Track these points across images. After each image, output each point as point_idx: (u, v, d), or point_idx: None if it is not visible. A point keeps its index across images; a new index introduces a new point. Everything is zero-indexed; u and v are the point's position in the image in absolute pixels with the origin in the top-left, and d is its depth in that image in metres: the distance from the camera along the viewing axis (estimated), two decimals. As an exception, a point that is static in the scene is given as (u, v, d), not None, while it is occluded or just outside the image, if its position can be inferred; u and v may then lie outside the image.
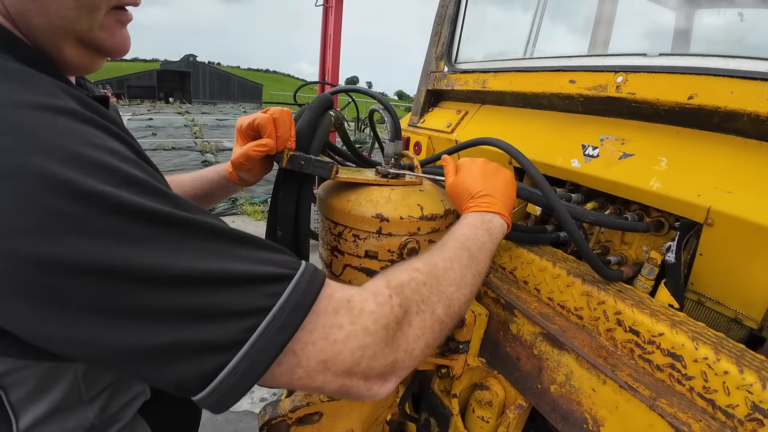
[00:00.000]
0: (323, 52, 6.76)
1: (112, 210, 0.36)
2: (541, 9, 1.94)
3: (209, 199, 0.94)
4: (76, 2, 0.47)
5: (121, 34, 0.55)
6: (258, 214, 5.89)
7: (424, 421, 1.19)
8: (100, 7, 0.49)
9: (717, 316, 0.95)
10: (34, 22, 0.47)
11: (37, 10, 0.46)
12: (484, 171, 0.78)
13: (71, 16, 0.48)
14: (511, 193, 0.79)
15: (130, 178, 0.39)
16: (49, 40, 0.49)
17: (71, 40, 0.50)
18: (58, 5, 0.46)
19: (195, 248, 0.39)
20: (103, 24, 0.51)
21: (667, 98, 0.95)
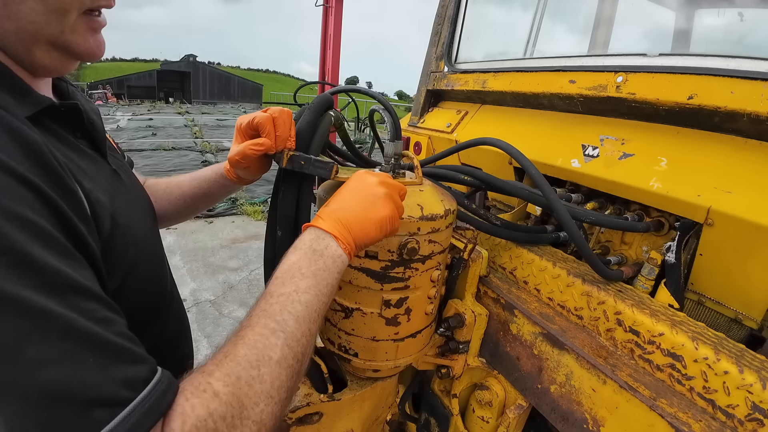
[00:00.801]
0: (323, 52, 6.76)
1: None
2: (541, 9, 1.94)
3: (209, 199, 0.94)
4: (46, 7, 0.47)
5: (95, 40, 0.55)
6: (258, 214, 5.89)
7: (424, 421, 1.19)
8: (71, 12, 0.50)
9: (717, 316, 0.95)
10: (5, 28, 0.47)
11: (7, 16, 0.46)
12: (357, 190, 0.65)
13: (41, 21, 0.48)
14: (369, 228, 0.62)
15: (4, 247, 0.36)
16: (20, 43, 0.49)
17: (42, 44, 0.50)
18: (28, 11, 0.47)
19: (36, 345, 0.35)
20: (75, 28, 0.51)
21: (667, 98, 0.95)
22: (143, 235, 0.65)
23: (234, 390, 0.43)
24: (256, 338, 0.47)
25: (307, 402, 0.84)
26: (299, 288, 0.54)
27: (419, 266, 0.80)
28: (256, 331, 0.48)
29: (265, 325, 0.49)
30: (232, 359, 0.45)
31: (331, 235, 0.59)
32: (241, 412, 0.43)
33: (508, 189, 0.94)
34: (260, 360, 0.46)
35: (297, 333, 0.50)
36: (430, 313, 0.87)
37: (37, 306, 0.36)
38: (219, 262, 4.37)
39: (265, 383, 0.45)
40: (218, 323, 3.27)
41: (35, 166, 0.42)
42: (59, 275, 0.38)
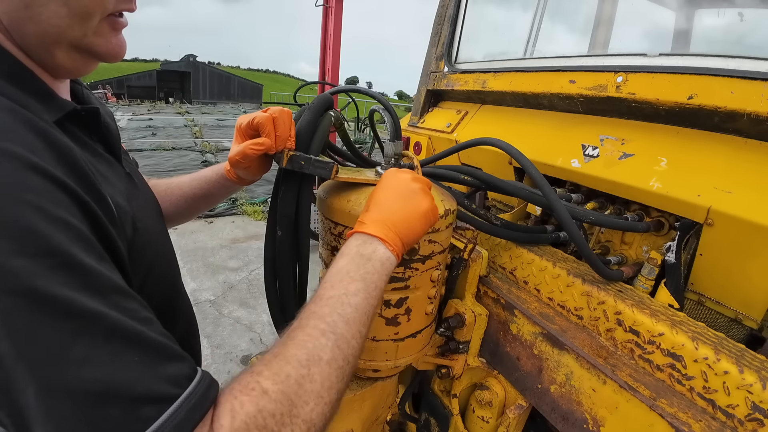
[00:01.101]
0: (323, 52, 6.76)
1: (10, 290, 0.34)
2: (541, 9, 1.94)
3: (209, 199, 0.94)
4: (69, 11, 0.47)
5: (117, 40, 0.54)
6: (258, 214, 5.89)
7: (424, 421, 1.19)
8: (94, 15, 0.49)
9: (717, 316, 0.95)
10: (27, 30, 0.47)
11: (29, 18, 0.46)
12: (394, 189, 0.66)
13: (64, 24, 0.47)
14: (414, 224, 0.63)
15: (50, 249, 0.36)
16: (42, 46, 0.49)
17: (64, 47, 0.50)
18: (51, 14, 0.46)
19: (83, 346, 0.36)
20: (98, 30, 0.51)
21: (667, 98, 0.95)
22: (157, 236, 0.65)
23: (283, 388, 0.43)
24: (306, 338, 0.48)
25: (307, 402, 0.85)
26: (348, 291, 0.54)
27: (419, 266, 0.80)
28: (306, 332, 0.49)
29: (315, 326, 0.49)
30: (282, 358, 0.45)
31: (378, 239, 0.60)
32: (291, 410, 0.43)
33: (508, 189, 0.94)
34: (310, 360, 0.46)
35: (347, 335, 0.51)
36: (430, 313, 0.87)
37: (83, 307, 0.36)
38: (219, 262, 4.37)
39: (315, 383, 0.45)
40: (218, 323, 3.27)
41: (69, 170, 0.43)
42: (102, 277, 0.39)
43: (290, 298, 0.84)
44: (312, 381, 0.45)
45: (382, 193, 0.65)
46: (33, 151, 0.40)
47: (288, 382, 0.44)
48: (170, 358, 0.41)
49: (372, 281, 0.56)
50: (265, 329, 3.19)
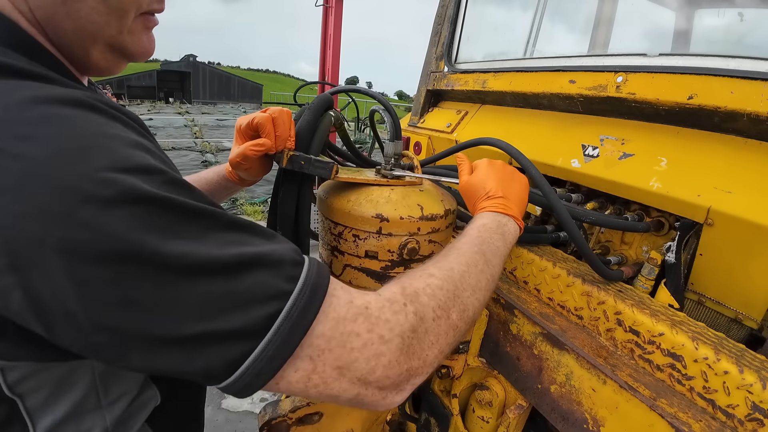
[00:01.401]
0: (323, 52, 6.76)
1: (139, 200, 0.37)
2: (541, 9, 1.94)
3: None
4: (108, 8, 0.47)
5: (148, 39, 0.55)
6: (258, 214, 5.89)
7: (424, 421, 1.19)
8: (130, 13, 0.50)
9: (717, 316, 0.95)
10: (63, 26, 0.47)
11: (66, 14, 0.46)
12: (502, 173, 0.78)
13: (102, 21, 0.48)
14: (525, 197, 0.79)
15: (153, 168, 0.40)
16: (77, 43, 0.49)
17: (99, 45, 0.50)
18: (90, 10, 0.46)
19: (216, 238, 0.40)
20: (132, 29, 0.51)
21: (667, 98, 0.95)
22: None
23: (448, 275, 0.53)
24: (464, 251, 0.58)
25: (307, 402, 0.85)
26: (494, 239, 0.65)
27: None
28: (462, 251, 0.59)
29: (470, 249, 0.60)
30: (444, 259, 0.56)
31: (508, 216, 0.70)
32: (454, 290, 0.52)
33: (508, 189, 0.94)
34: (469, 265, 0.57)
35: (492, 261, 0.61)
36: (430, 313, 0.87)
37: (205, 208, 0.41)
38: (219, 262, 4.37)
39: (472, 278, 0.55)
40: (218, 323, 3.27)
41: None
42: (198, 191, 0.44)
43: (290, 298, 0.84)
44: (470, 277, 0.56)
45: (498, 177, 0.76)
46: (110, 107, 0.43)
47: (452, 273, 0.54)
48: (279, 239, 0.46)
49: (507, 240, 0.67)
50: (265, 329, 3.19)
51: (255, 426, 2.25)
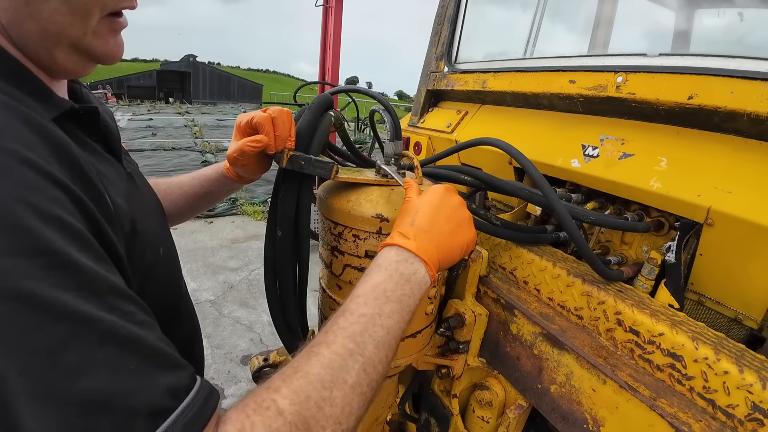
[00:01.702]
0: (323, 52, 6.76)
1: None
2: (541, 9, 1.94)
3: (210, 198, 0.94)
4: (70, 9, 0.47)
5: (115, 41, 0.54)
6: (258, 214, 5.89)
7: (424, 421, 1.19)
8: (94, 14, 0.49)
9: (717, 316, 0.95)
10: (26, 28, 0.46)
11: (29, 15, 0.45)
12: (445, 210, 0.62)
13: (64, 22, 0.47)
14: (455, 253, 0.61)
15: (42, 248, 0.34)
16: (41, 45, 0.48)
17: (64, 46, 0.49)
18: (52, 11, 0.46)
19: (77, 352, 0.33)
20: (97, 31, 0.50)
21: (667, 98, 0.95)
22: (159, 238, 0.65)
23: (301, 410, 0.40)
24: (333, 357, 0.45)
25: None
26: (383, 312, 0.51)
27: (419, 266, 0.79)
28: (332, 350, 0.45)
29: (344, 344, 0.46)
30: (303, 376, 0.42)
31: (420, 259, 0.56)
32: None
33: (508, 189, 0.94)
34: (334, 382, 0.43)
35: (375, 359, 0.48)
36: (429, 313, 0.87)
37: (76, 310, 0.34)
38: (219, 262, 4.37)
39: (335, 407, 0.42)
40: (218, 323, 3.27)
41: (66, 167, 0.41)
42: (98, 277, 0.37)
43: (290, 298, 0.84)
44: (333, 405, 0.42)
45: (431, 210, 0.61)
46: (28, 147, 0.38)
47: (307, 404, 0.41)
48: (168, 367, 0.38)
49: (407, 305, 0.54)
50: (265, 329, 3.19)
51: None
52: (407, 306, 0.54)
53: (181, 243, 4.79)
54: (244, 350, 2.94)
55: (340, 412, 0.43)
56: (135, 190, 0.63)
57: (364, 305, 0.51)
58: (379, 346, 0.49)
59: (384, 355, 0.49)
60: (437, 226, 0.60)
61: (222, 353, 2.89)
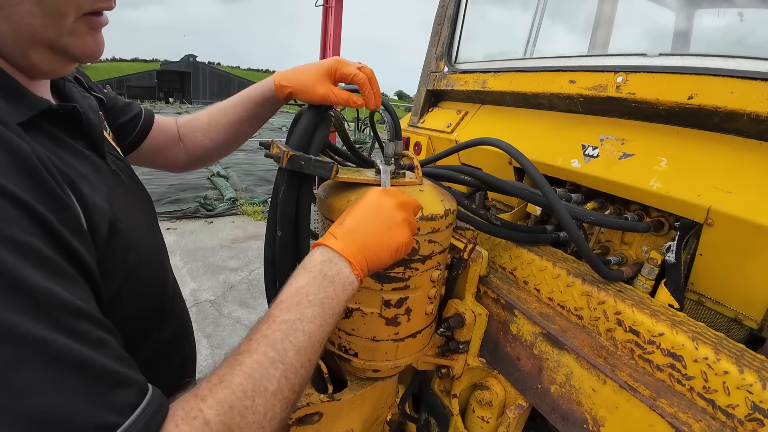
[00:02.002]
0: (323, 52, 6.76)
1: None
2: (541, 9, 1.94)
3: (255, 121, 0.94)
4: (43, 11, 0.46)
5: (94, 40, 0.53)
6: (258, 214, 5.89)
7: (424, 421, 1.19)
8: (68, 15, 0.48)
9: (717, 316, 0.95)
10: (0, 30, 0.46)
11: (2, 17, 0.45)
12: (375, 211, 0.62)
13: (37, 24, 0.47)
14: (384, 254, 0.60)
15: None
16: (15, 47, 0.48)
17: (39, 47, 0.49)
18: (24, 13, 0.45)
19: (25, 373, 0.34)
20: (73, 30, 0.50)
21: (667, 98, 0.95)
22: (144, 238, 0.64)
23: (225, 420, 0.42)
24: (254, 367, 0.46)
25: (307, 402, 0.84)
26: (304, 317, 0.51)
27: (419, 266, 0.80)
28: (254, 359, 0.47)
29: (265, 353, 0.48)
30: (227, 386, 0.44)
31: (345, 260, 0.56)
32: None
33: (508, 189, 0.94)
34: (255, 390, 0.45)
35: (296, 364, 0.49)
36: (430, 313, 0.87)
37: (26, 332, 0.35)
38: (219, 262, 4.37)
39: (258, 414, 0.44)
40: (218, 323, 3.27)
41: (25, 179, 0.40)
42: (51, 297, 0.37)
43: (290, 298, 0.83)
44: (255, 413, 0.44)
45: (361, 212, 0.61)
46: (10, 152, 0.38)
47: (231, 413, 0.42)
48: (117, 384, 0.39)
49: (330, 307, 0.54)
50: (265, 329, 3.19)
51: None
52: (330, 309, 0.54)
53: (181, 243, 4.79)
54: (244, 350, 2.94)
55: (263, 417, 0.45)
56: (120, 189, 0.62)
57: (287, 311, 0.52)
58: (300, 351, 0.50)
59: (307, 359, 0.50)
60: (366, 227, 0.60)
61: (222, 353, 2.89)
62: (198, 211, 5.79)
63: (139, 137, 0.91)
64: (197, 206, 5.90)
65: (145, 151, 0.93)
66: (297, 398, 0.50)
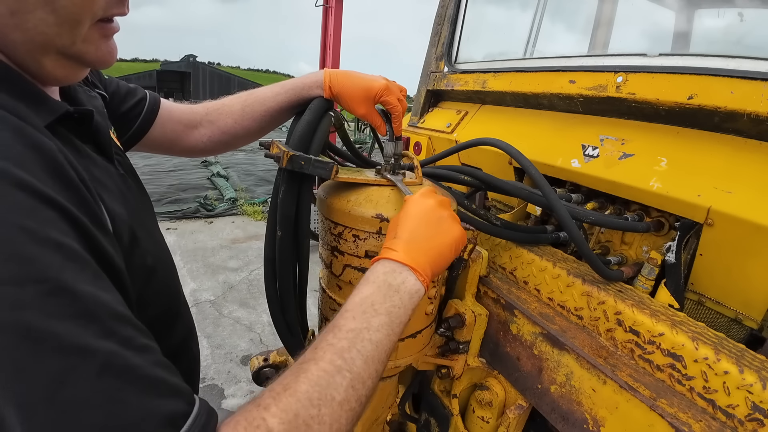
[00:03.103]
0: (323, 52, 6.76)
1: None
2: (541, 9, 1.94)
3: (291, 113, 0.93)
4: (57, 18, 0.45)
5: (107, 47, 0.52)
6: (258, 215, 5.89)
7: (424, 422, 1.19)
8: (83, 22, 0.47)
9: (717, 316, 0.95)
10: (12, 38, 0.45)
11: (15, 26, 0.44)
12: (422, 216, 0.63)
13: (52, 32, 0.45)
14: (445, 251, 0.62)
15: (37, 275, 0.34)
16: (28, 55, 0.47)
17: (52, 54, 0.48)
18: (38, 21, 0.44)
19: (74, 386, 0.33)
20: (87, 37, 0.49)
21: (667, 98, 0.95)
22: (155, 241, 0.64)
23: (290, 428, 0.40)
24: (321, 374, 0.45)
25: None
26: (371, 326, 0.51)
27: (419, 266, 0.79)
28: (320, 367, 0.45)
29: (332, 361, 0.46)
30: (292, 394, 0.43)
31: (409, 268, 0.56)
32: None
33: (508, 189, 0.94)
34: (322, 399, 0.43)
35: (364, 374, 0.48)
36: (430, 313, 0.87)
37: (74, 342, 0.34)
38: (219, 263, 4.38)
39: (324, 425, 0.43)
40: (218, 323, 3.27)
41: (59, 184, 0.40)
42: (96, 302, 0.36)
43: (290, 299, 0.84)
44: (321, 423, 0.42)
45: (410, 220, 0.62)
46: (21, 165, 0.37)
47: (296, 422, 0.41)
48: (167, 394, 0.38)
49: (397, 316, 0.53)
50: (265, 329, 3.19)
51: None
52: (397, 318, 0.54)
53: (181, 243, 4.79)
54: (244, 350, 2.94)
55: (329, 429, 0.43)
56: (129, 193, 0.62)
57: (352, 320, 0.51)
58: (367, 361, 0.49)
59: (374, 370, 0.49)
60: (419, 232, 0.61)
61: (222, 353, 2.90)
62: (198, 211, 5.79)
63: (143, 125, 0.87)
64: (197, 206, 5.90)
65: (155, 137, 0.90)
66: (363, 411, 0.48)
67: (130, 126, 0.85)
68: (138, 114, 0.86)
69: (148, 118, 0.88)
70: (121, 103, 0.83)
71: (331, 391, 0.44)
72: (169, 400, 0.38)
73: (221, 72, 56.51)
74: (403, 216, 0.64)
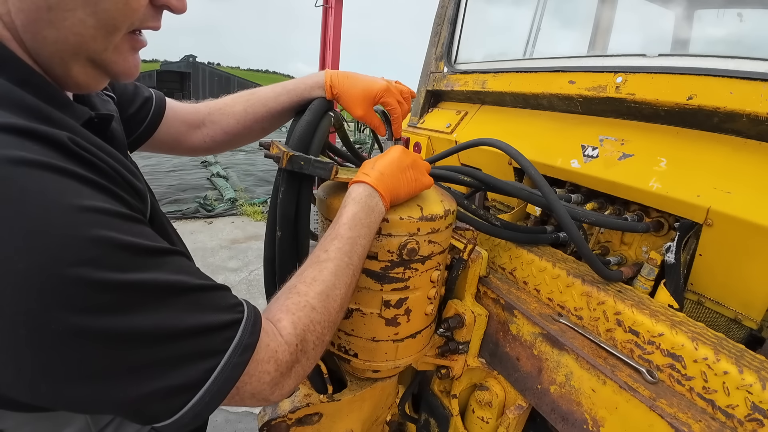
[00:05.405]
0: (323, 52, 6.76)
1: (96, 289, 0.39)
2: (540, 9, 1.94)
3: (291, 114, 0.93)
4: (97, 22, 0.44)
5: (134, 60, 0.52)
6: (258, 215, 5.89)
7: (424, 422, 1.19)
8: (120, 30, 0.47)
9: (717, 317, 0.95)
10: (44, 34, 0.43)
11: (49, 22, 0.42)
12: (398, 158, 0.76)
13: (88, 35, 0.44)
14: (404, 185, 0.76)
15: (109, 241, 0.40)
16: (57, 55, 0.45)
17: (81, 59, 0.47)
18: (77, 21, 0.43)
19: (167, 309, 0.44)
20: (118, 47, 0.48)
21: (667, 99, 0.95)
22: (172, 242, 0.66)
23: (324, 303, 0.61)
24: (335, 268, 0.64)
25: (306, 402, 0.85)
26: (360, 234, 0.68)
27: (419, 267, 0.80)
28: (335, 263, 0.64)
29: (342, 259, 0.65)
30: (322, 282, 0.62)
31: (379, 194, 0.71)
32: (327, 317, 0.61)
33: (508, 189, 0.94)
34: (336, 284, 0.63)
35: (359, 266, 0.69)
36: (429, 313, 0.87)
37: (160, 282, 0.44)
38: (218, 263, 4.37)
39: (338, 299, 0.64)
40: (218, 324, 3.27)
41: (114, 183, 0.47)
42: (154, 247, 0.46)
43: (290, 299, 0.84)
44: (338, 296, 0.63)
45: (387, 158, 0.76)
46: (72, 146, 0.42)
47: (326, 300, 0.62)
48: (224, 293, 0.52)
49: (373, 229, 0.71)
50: (265, 330, 3.19)
51: (254, 426, 2.25)
52: (373, 230, 0.72)
53: (181, 243, 4.78)
54: (243, 350, 2.93)
55: (342, 300, 0.65)
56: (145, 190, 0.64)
57: (349, 230, 0.68)
58: (361, 258, 0.69)
59: (361, 264, 0.70)
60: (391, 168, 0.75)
61: (222, 353, 2.89)
62: (198, 212, 5.78)
63: (150, 126, 0.88)
64: (197, 206, 5.90)
65: (160, 138, 0.91)
66: (354, 288, 0.69)
67: (137, 128, 0.85)
68: (145, 116, 0.86)
69: (154, 120, 0.88)
70: (129, 106, 0.83)
71: (343, 278, 0.65)
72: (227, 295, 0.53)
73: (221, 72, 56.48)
74: (384, 154, 0.78)
